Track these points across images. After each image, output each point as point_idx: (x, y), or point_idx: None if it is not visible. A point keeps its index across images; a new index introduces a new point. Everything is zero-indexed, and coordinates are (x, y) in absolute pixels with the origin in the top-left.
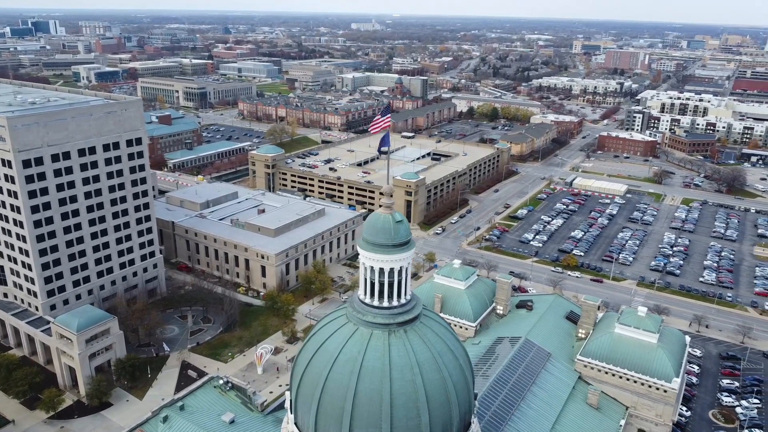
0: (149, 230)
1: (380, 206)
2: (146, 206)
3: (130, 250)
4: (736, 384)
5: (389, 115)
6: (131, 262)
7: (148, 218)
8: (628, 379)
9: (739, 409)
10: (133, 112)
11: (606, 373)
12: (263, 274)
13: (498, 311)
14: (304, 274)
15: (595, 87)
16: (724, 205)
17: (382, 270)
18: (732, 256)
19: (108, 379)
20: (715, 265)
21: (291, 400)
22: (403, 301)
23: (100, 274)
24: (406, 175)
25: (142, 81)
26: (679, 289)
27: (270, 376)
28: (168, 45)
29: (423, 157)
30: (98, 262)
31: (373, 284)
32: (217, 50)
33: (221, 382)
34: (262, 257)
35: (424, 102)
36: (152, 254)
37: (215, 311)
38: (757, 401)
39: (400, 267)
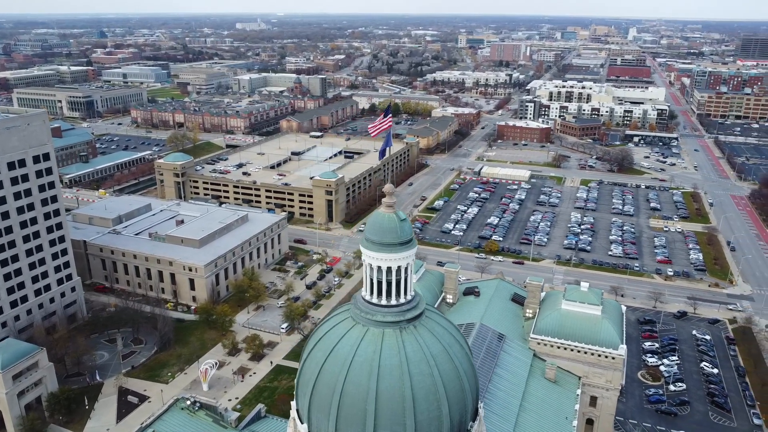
0: (64, 252)
1: (384, 206)
2: (59, 226)
3: (44, 274)
4: (657, 345)
5: (390, 115)
6: (47, 287)
7: (62, 239)
8: (579, 351)
9: (662, 368)
10: (38, 125)
11: (558, 347)
12: (192, 287)
13: (448, 300)
14: (234, 282)
15: (486, 79)
16: (618, 184)
17: (389, 269)
18: (633, 230)
19: (40, 416)
20: (620, 239)
21: (299, 410)
22: (409, 297)
23: (13, 304)
24: (325, 175)
25: (18, 92)
26: (592, 263)
27: (217, 391)
28: (39, 52)
29: (335, 155)
30: (11, 291)
31: (380, 283)
32: (96, 55)
33: (188, 402)
34: (190, 270)
35: (326, 101)
36: (69, 277)
37: (146, 331)
38: (675, 358)
39: (407, 264)
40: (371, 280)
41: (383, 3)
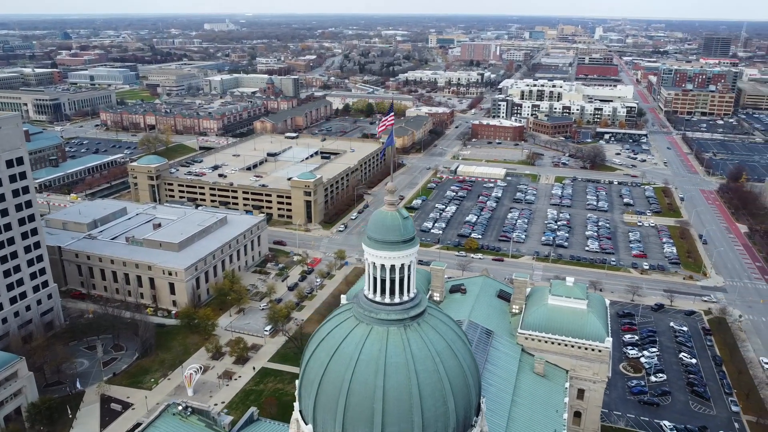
0: (39, 258)
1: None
2: (34, 232)
3: (20, 282)
4: (636, 337)
5: (392, 113)
6: (23, 295)
7: (37, 245)
8: (566, 345)
9: (643, 359)
10: (10, 129)
11: (546, 342)
12: (172, 292)
13: (435, 298)
14: (215, 286)
15: (458, 79)
16: (591, 180)
17: (392, 267)
18: (608, 225)
19: (20, 427)
20: (596, 234)
21: (303, 410)
22: (411, 295)
23: None
24: (303, 176)
25: None
26: (570, 259)
27: (203, 396)
28: (1, 54)
29: (312, 156)
30: None
31: (383, 281)
32: (61, 57)
33: (180, 407)
34: (170, 274)
35: (299, 101)
36: (45, 284)
37: (126, 337)
38: (655, 350)
39: (410, 262)
40: (374, 278)
41: (352, 3)
